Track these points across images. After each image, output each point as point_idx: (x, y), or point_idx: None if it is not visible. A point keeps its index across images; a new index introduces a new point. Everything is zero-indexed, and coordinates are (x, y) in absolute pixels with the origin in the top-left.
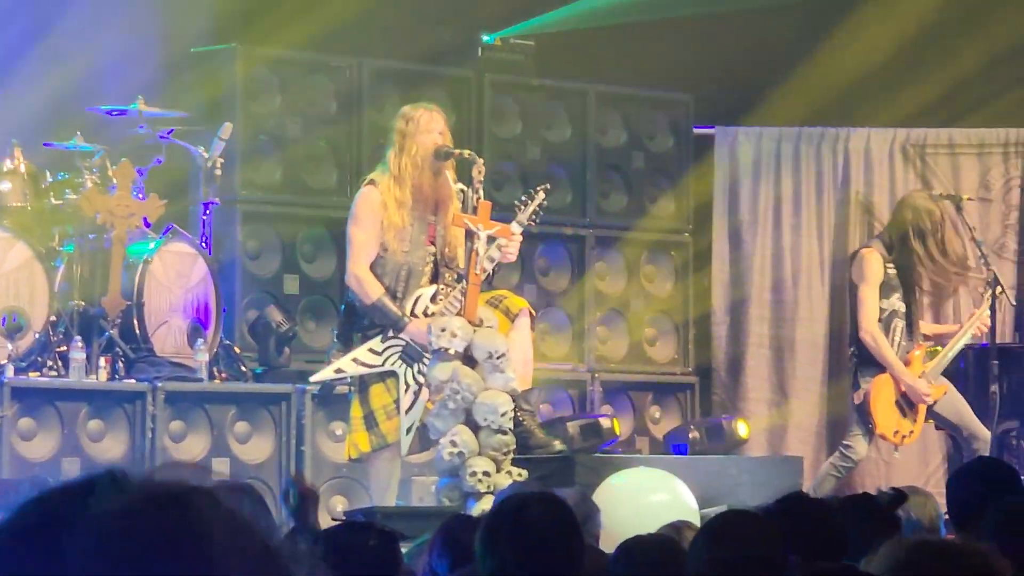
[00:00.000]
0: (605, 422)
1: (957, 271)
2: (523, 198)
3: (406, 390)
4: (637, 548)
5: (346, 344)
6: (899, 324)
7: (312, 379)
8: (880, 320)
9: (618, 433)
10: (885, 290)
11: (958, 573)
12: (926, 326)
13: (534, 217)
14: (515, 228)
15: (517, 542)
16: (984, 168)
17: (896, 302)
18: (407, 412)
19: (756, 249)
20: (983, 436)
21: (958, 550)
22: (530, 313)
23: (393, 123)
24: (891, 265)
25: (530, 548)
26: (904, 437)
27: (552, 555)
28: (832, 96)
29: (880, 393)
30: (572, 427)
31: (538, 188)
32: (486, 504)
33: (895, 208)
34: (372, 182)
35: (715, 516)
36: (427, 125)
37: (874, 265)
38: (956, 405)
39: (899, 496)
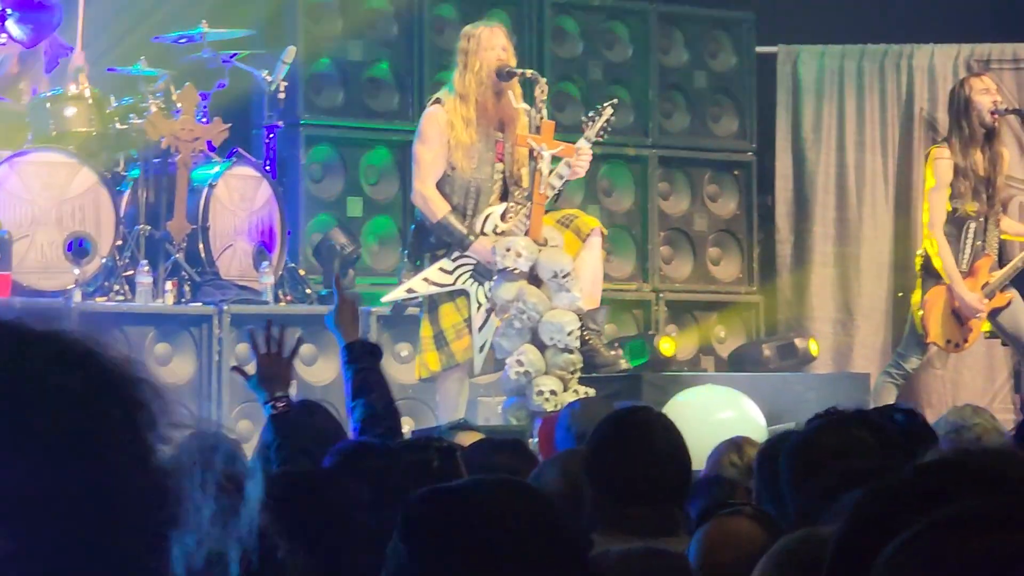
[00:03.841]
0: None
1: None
2: (590, 114)
3: (478, 308)
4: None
5: (416, 264)
6: (972, 225)
7: (384, 299)
8: (950, 222)
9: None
10: (955, 190)
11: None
12: (1009, 223)
13: (602, 133)
14: (583, 144)
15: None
16: None
17: (969, 202)
18: (480, 330)
19: (820, 167)
20: None
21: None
22: (601, 232)
23: (456, 44)
24: (962, 163)
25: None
26: (956, 345)
27: (671, 467)
28: (896, 12)
29: (935, 303)
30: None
31: (605, 104)
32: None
33: (949, 97)
34: (438, 101)
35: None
36: (489, 41)
37: (941, 166)
38: (1018, 317)
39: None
